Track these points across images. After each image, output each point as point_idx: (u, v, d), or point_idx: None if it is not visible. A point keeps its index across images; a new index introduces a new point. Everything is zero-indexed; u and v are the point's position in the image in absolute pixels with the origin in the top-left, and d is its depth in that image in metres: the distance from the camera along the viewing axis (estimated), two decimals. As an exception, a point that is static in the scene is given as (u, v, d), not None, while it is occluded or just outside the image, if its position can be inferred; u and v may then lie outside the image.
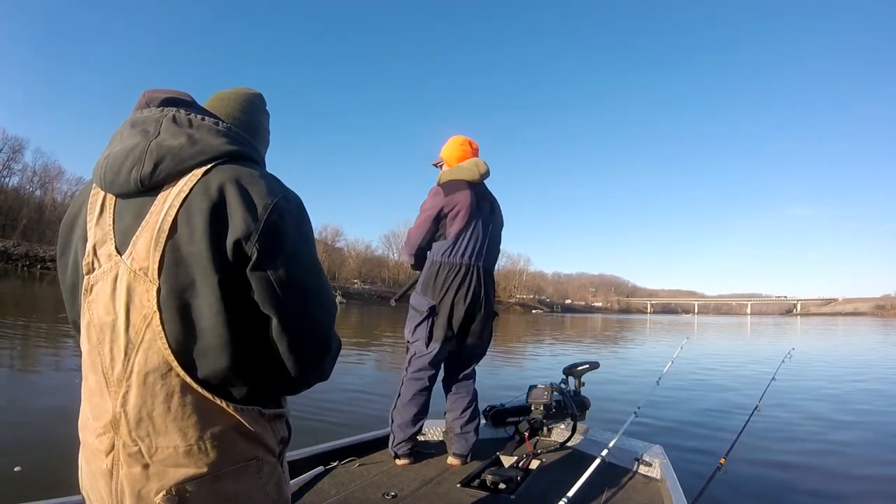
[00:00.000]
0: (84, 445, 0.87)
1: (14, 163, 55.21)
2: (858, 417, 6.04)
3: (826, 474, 3.95)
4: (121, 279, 0.79)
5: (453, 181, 2.44)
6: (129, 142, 0.82)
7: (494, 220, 2.51)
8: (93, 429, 0.83)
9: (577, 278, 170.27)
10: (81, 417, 0.88)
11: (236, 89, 1.05)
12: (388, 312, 36.13)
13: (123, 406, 0.79)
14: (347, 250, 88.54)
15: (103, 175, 0.82)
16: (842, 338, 26.22)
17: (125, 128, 0.85)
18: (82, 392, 0.88)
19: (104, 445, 0.81)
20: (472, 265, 2.39)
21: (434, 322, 2.37)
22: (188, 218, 0.77)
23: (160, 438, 0.79)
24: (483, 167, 2.48)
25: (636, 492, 2.16)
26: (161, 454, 0.79)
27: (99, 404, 0.82)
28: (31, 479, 2.97)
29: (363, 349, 12.45)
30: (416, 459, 2.39)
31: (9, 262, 45.18)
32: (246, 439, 0.84)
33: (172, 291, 0.78)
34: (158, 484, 0.79)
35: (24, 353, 8.05)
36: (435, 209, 2.38)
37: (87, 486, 0.88)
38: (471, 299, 2.37)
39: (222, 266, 0.77)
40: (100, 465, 0.82)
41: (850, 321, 69.86)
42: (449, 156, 2.58)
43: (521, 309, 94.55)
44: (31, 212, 54.29)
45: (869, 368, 11.45)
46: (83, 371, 0.87)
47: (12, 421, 4.24)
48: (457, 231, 2.37)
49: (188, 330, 0.79)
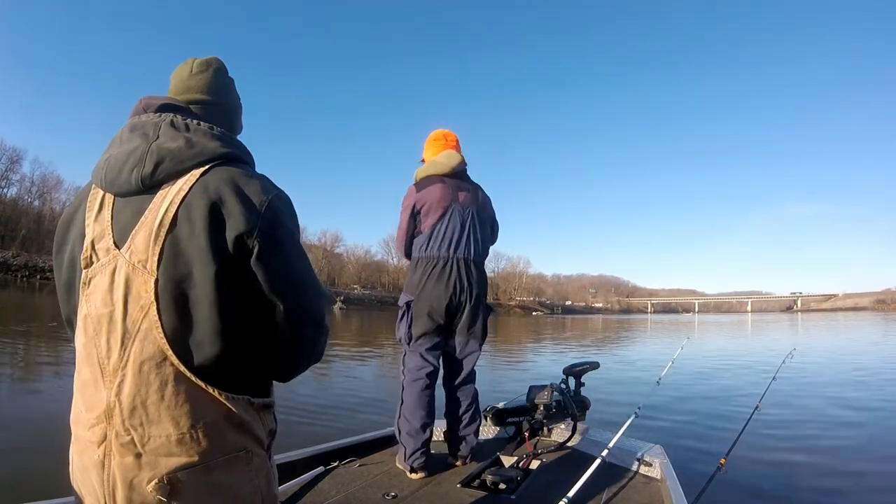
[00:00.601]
0: (76, 439, 0.88)
1: (12, 173, 55.07)
2: (859, 417, 6.03)
3: (827, 474, 3.94)
4: (119, 271, 0.83)
5: (425, 177, 2.45)
6: (129, 144, 0.86)
7: (475, 209, 2.46)
8: (85, 421, 0.85)
9: (577, 279, 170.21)
10: (73, 411, 0.89)
11: (198, 68, 1.01)
12: (389, 317, 36.08)
13: (118, 395, 0.81)
14: (347, 256, 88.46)
15: (104, 175, 0.87)
16: (843, 334, 26.19)
17: (124, 131, 0.89)
18: (75, 386, 0.89)
19: (96, 436, 0.83)
20: (451, 257, 2.37)
21: (412, 317, 2.36)
22: (188, 214, 0.82)
23: (153, 427, 0.81)
24: (455, 159, 2.45)
25: (636, 492, 2.16)
26: (153, 443, 0.81)
27: (93, 395, 0.84)
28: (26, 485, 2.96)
29: (364, 355, 12.43)
30: (430, 472, 2.27)
31: (8, 273, 45.09)
32: (236, 429, 0.87)
33: (170, 282, 0.81)
34: (150, 473, 0.81)
35: (25, 360, 8.03)
36: (409, 207, 2.41)
37: (78, 480, 0.89)
38: (451, 291, 2.33)
39: (222, 259, 0.82)
40: (92, 456, 0.84)
41: (850, 316, 69.82)
42: (426, 152, 2.60)
43: (521, 311, 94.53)
44: (30, 222, 54.21)
45: (869, 366, 11.45)
46: (77, 364, 0.88)
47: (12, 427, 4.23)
48: (430, 224, 2.38)
49: (184, 320, 0.82)
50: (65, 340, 10.10)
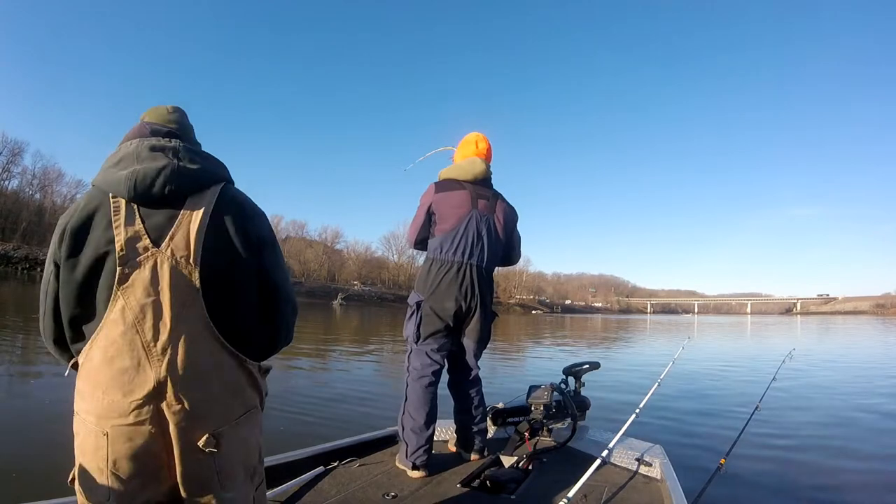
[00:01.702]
0: (113, 431, 0.97)
1: (14, 166, 55.14)
2: (859, 417, 6.04)
3: (827, 474, 3.94)
4: (161, 265, 1.00)
5: (447, 179, 2.48)
6: (155, 163, 1.04)
7: (493, 218, 2.47)
8: (124, 408, 0.96)
9: (576, 278, 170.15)
10: (101, 405, 0.97)
11: (172, 109, 1.23)
12: (389, 314, 36.13)
13: (169, 371, 0.97)
14: (347, 252, 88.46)
15: (132, 186, 1.01)
16: (842, 336, 26.21)
17: (143, 150, 1.06)
18: (99, 382, 0.97)
19: (145, 415, 0.97)
20: (465, 262, 2.38)
21: (422, 317, 2.37)
22: (222, 219, 1.06)
23: (201, 393, 1.00)
24: (478, 167, 2.46)
25: (636, 492, 2.16)
26: (202, 407, 1.00)
27: (134, 379, 0.97)
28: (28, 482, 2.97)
29: (364, 351, 12.45)
30: (430, 471, 2.27)
31: (9, 265, 45.19)
32: (252, 389, 1.11)
33: (212, 272, 1.03)
34: (201, 431, 1.00)
35: (24, 354, 8.05)
36: (426, 205, 2.45)
37: (122, 469, 0.98)
38: (463, 296, 2.35)
39: (250, 253, 1.08)
40: (142, 435, 0.97)
41: (849, 320, 69.85)
42: (458, 153, 2.62)
43: (520, 309, 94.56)
44: (31, 215, 54.25)
45: (869, 367, 11.46)
46: (106, 359, 0.97)
47: (12, 424, 4.23)
48: (447, 229, 2.39)
49: (223, 300, 1.04)
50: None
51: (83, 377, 1.01)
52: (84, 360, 1.01)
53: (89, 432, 0.99)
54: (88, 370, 1.00)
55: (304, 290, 66.52)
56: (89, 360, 1.00)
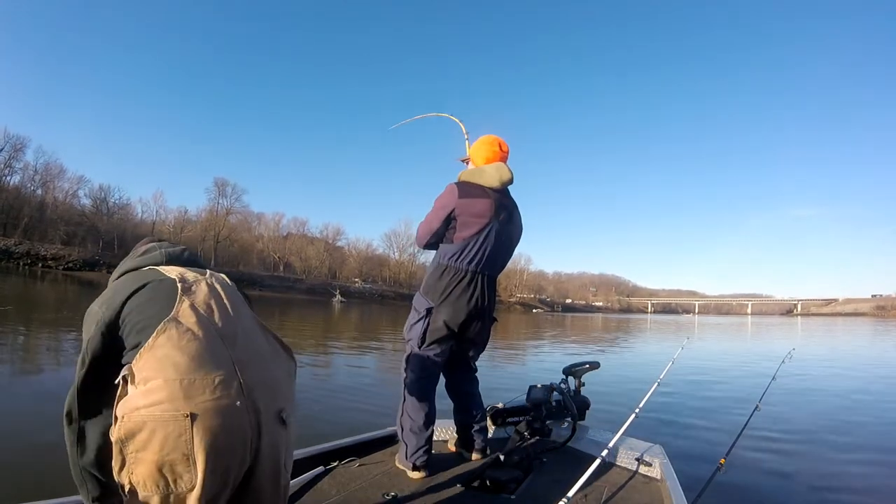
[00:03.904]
0: (204, 415, 1.00)
1: (16, 161, 55.17)
2: (859, 417, 6.04)
3: (827, 474, 3.95)
4: (211, 282, 1.29)
5: (471, 184, 2.36)
6: (196, 274, 1.30)
7: (510, 229, 2.42)
8: (213, 385, 1.03)
9: (577, 278, 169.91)
10: (184, 391, 1.00)
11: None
12: (389, 312, 36.15)
13: (244, 349, 1.15)
14: (348, 249, 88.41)
15: (172, 261, 1.38)
16: (842, 337, 26.18)
17: (186, 271, 1.30)
18: (175, 370, 1.02)
19: (232, 389, 1.06)
20: (478, 272, 2.34)
21: (429, 324, 2.33)
22: (228, 282, 1.37)
23: (268, 373, 1.17)
24: (506, 175, 2.38)
25: (636, 492, 2.16)
26: (274, 384, 1.16)
27: (214, 357, 1.08)
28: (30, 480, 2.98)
29: (364, 348, 12.46)
30: (430, 471, 2.27)
31: (10, 261, 45.28)
32: None
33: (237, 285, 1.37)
34: (275, 405, 1.13)
35: (25, 349, 8.07)
36: (446, 208, 2.32)
37: (223, 451, 1.02)
38: (472, 306, 2.32)
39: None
40: (234, 409, 1.04)
41: (849, 321, 69.77)
42: (475, 154, 2.50)
43: (521, 308, 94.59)
44: (33, 210, 54.34)
45: (869, 366, 11.45)
46: (177, 346, 1.05)
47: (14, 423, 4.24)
48: (466, 237, 2.30)
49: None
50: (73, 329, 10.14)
51: (147, 369, 1.02)
52: (146, 355, 1.05)
53: (164, 422, 0.98)
54: (153, 362, 1.03)
55: (304, 288, 66.58)
56: (154, 351, 1.05)
